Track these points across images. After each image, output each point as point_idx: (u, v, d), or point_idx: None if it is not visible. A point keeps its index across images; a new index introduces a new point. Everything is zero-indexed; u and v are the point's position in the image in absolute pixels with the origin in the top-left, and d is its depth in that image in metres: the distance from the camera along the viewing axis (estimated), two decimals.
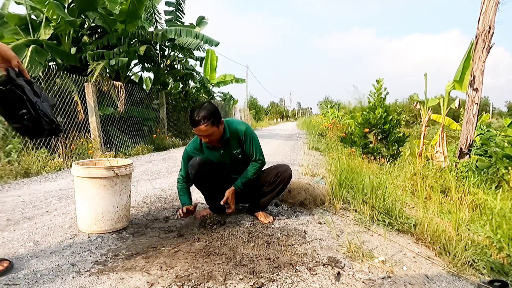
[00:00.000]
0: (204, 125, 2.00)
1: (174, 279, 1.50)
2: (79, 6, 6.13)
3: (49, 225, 2.22)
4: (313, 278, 1.56)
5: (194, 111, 2.04)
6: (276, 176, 2.30)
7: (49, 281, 1.48)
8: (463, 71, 5.79)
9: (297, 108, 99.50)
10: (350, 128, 9.20)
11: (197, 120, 2.00)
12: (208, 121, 2.01)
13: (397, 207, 2.62)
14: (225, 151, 2.24)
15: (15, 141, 4.56)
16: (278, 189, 2.34)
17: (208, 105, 2.07)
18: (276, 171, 2.32)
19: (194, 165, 2.16)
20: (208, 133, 2.04)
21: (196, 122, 2.01)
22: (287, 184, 2.37)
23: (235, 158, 2.27)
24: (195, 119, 2.01)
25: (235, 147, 2.25)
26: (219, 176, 2.30)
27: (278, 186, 2.32)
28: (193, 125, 2.04)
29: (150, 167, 4.86)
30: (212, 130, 2.04)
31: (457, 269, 1.83)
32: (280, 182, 2.31)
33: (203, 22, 9.77)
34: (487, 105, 52.21)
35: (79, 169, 1.97)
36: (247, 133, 2.21)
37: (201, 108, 2.03)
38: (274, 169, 2.34)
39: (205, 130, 2.02)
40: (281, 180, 2.30)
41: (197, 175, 2.18)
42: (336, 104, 25.57)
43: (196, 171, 2.17)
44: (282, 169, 2.32)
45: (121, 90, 6.65)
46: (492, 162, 4.31)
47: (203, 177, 2.20)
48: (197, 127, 2.02)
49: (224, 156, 2.26)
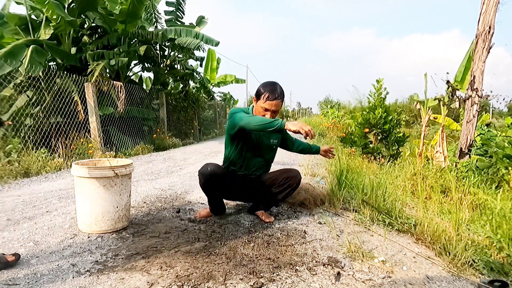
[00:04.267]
0: (280, 100, 2.15)
1: (174, 279, 1.50)
2: (79, 6, 6.13)
3: (49, 225, 2.22)
4: (313, 278, 1.56)
5: (272, 85, 2.16)
6: (286, 180, 2.29)
7: (49, 281, 1.48)
8: (464, 71, 5.78)
9: (297, 108, 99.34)
10: (350, 128, 9.20)
11: (278, 94, 2.12)
12: (283, 97, 2.18)
13: (397, 207, 2.62)
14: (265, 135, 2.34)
15: (15, 141, 4.56)
16: (285, 193, 2.33)
17: (279, 84, 2.20)
18: (286, 175, 2.31)
19: (205, 174, 2.14)
20: (278, 109, 2.17)
21: (277, 96, 2.12)
22: (294, 189, 2.36)
23: (269, 147, 2.37)
24: (277, 93, 2.12)
25: (274, 137, 2.36)
26: (227, 185, 2.28)
27: (286, 189, 2.31)
28: (272, 98, 2.12)
29: (150, 167, 4.86)
30: (280, 107, 2.19)
31: (457, 269, 1.83)
32: (288, 186, 2.30)
33: (203, 22, 9.77)
34: (487, 105, 52.19)
35: (79, 169, 1.97)
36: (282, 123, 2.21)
37: (278, 85, 2.18)
38: (285, 173, 2.33)
39: (279, 105, 2.16)
40: (289, 184, 2.30)
41: (206, 183, 2.18)
42: (336, 104, 25.55)
43: (205, 180, 2.16)
44: (292, 174, 2.31)
45: (121, 90, 6.64)
46: (492, 162, 4.31)
47: (212, 186, 2.20)
48: (275, 101, 2.13)
49: (261, 140, 2.33)
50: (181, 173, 4.31)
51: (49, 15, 5.57)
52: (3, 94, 5.21)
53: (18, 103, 5.27)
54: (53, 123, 5.37)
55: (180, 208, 2.63)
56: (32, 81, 5.16)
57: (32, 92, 5.24)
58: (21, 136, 4.83)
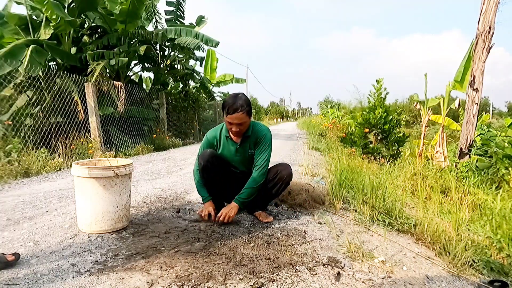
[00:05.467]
0: (241, 113, 2.06)
1: (174, 279, 1.50)
2: (79, 6, 6.13)
3: (49, 225, 2.22)
4: (313, 278, 1.56)
5: (232, 98, 2.10)
6: (276, 174, 2.30)
7: (49, 281, 1.48)
8: (464, 72, 5.78)
9: (297, 108, 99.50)
10: (350, 128, 9.21)
11: (236, 107, 2.06)
12: (245, 109, 2.07)
13: (397, 207, 2.62)
14: (241, 147, 2.28)
15: (15, 141, 4.56)
16: (277, 188, 2.33)
17: (244, 95, 2.14)
18: (276, 169, 2.32)
19: (205, 156, 2.22)
20: (242, 121, 2.09)
21: (235, 109, 2.06)
22: (286, 182, 2.35)
23: (249, 157, 2.30)
24: (235, 106, 2.06)
25: (252, 147, 2.29)
26: (226, 172, 2.32)
27: (277, 183, 2.31)
28: (231, 112, 2.07)
29: (150, 167, 4.86)
30: (245, 119, 2.10)
31: (457, 269, 1.83)
32: (279, 180, 2.31)
33: (203, 22, 9.77)
34: (487, 105, 52.21)
35: (79, 169, 1.97)
36: (267, 138, 2.27)
37: (238, 97, 2.11)
38: (274, 167, 2.35)
39: (241, 118, 2.08)
40: (279, 178, 2.30)
41: (206, 166, 2.22)
42: (336, 104, 25.53)
43: (205, 162, 2.21)
44: (281, 167, 2.32)
45: (121, 90, 6.65)
46: (492, 162, 4.31)
47: (211, 168, 2.23)
48: (235, 114, 2.06)
49: (238, 152, 2.29)
50: (181, 173, 4.31)
51: (49, 15, 5.57)
52: (3, 94, 5.21)
53: (18, 103, 5.27)
54: (53, 123, 5.37)
55: (180, 208, 2.63)
56: (32, 81, 5.16)
57: (32, 92, 5.24)
58: (21, 136, 4.83)
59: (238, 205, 2.19)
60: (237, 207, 2.19)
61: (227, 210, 2.17)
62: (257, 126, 2.31)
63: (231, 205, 2.20)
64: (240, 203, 2.20)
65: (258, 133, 2.26)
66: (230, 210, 2.17)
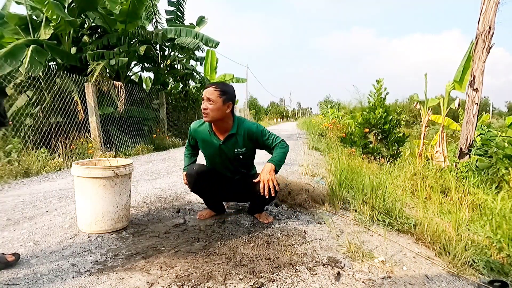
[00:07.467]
0: (214, 89, 2.00)
1: (174, 279, 1.50)
2: (79, 6, 6.13)
3: (49, 225, 2.22)
4: (313, 278, 1.56)
5: None
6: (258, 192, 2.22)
7: (49, 281, 1.48)
8: (463, 72, 5.78)
9: (297, 108, 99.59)
10: (350, 128, 9.20)
11: (212, 84, 2.04)
12: (219, 90, 2.02)
13: (397, 207, 2.62)
14: (225, 144, 2.15)
15: (15, 141, 4.56)
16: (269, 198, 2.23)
17: (231, 86, 2.12)
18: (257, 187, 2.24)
19: (192, 175, 2.17)
20: (211, 99, 1.99)
21: (211, 84, 2.03)
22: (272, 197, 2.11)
23: (234, 156, 2.18)
24: (213, 83, 2.05)
25: (239, 146, 2.16)
26: (218, 179, 2.28)
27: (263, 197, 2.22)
28: (207, 86, 2.05)
29: (150, 167, 4.86)
30: (216, 100, 1.99)
31: (457, 269, 1.83)
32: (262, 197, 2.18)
33: (203, 22, 9.77)
34: (487, 105, 52.24)
35: (79, 169, 1.97)
36: (261, 128, 2.19)
37: (223, 83, 2.11)
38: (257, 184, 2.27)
39: (211, 94, 2.00)
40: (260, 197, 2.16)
41: (195, 185, 2.21)
42: (336, 104, 25.54)
43: (194, 181, 2.18)
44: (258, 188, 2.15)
45: (121, 90, 6.65)
46: (492, 162, 4.31)
47: (202, 185, 2.22)
48: (208, 88, 2.03)
49: (221, 150, 2.17)
50: (181, 173, 4.30)
51: (49, 15, 5.57)
52: None
53: (18, 103, 5.28)
54: (53, 123, 5.37)
55: (180, 208, 2.63)
56: (32, 81, 5.16)
57: (32, 92, 5.25)
58: (21, 136, 4.83)
59: (275, 166, 2.01)
60: (274, 169, 2.00)
61: (265, 175, 1.95)
62: (245, 124, 2.17)
63: (266, 168, 1.99)
64: (277, 165, 2.02)
65: (249, 130, 2.15)
66: (268, 174, 1.96)
